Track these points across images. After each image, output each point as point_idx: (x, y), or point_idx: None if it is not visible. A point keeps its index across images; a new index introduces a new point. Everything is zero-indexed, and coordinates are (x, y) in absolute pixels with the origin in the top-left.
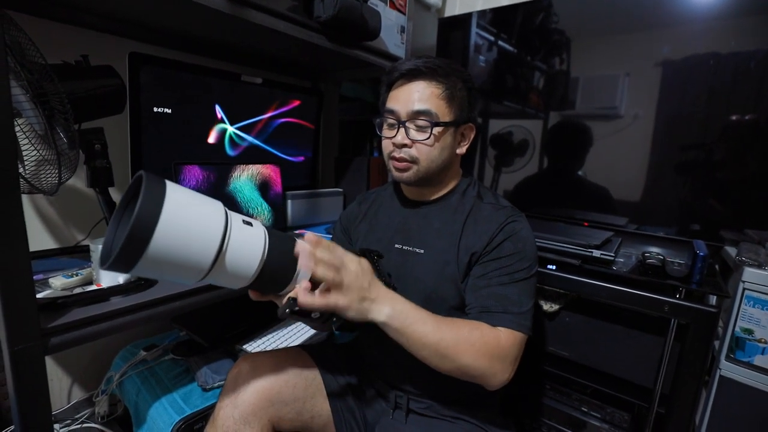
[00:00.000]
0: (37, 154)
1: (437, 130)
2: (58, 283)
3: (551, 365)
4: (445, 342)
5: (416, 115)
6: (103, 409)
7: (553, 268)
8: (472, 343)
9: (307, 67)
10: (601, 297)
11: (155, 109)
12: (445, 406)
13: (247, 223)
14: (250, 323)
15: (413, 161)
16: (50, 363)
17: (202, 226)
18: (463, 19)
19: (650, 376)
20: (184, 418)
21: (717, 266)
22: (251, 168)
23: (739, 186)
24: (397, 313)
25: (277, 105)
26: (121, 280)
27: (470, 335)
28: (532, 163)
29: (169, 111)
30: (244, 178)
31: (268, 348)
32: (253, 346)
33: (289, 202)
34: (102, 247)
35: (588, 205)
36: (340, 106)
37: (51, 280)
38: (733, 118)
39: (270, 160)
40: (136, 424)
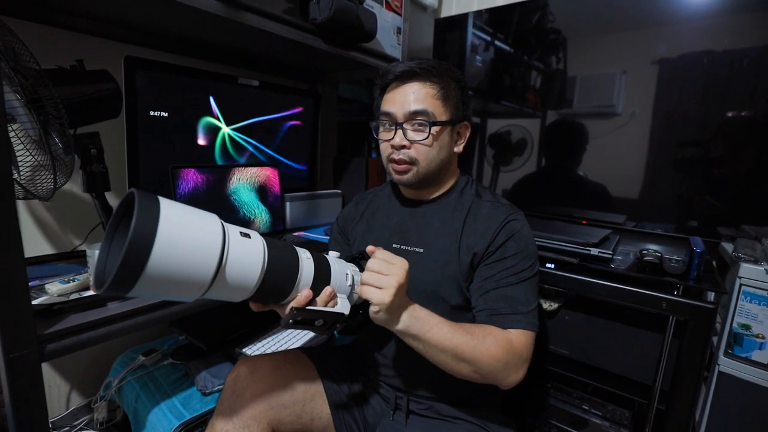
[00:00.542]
0: (32, 160)
1: (435, 129)
2: (55, 289)
3: (551, 364)
4: (461, 348)
5: (413, 115)
6: (102, 415)
7: (552, 266)
8: (488, 347)
9: (304, 69)
10: (599, 295)
11: (151, 113)
12: (446, 406)
13: (245, 235)
14: (249, 326)
15: (412, 162)
16: (48, 369)
17: (200, 242)
18: (460, 20)
19: (650, 373)
20: (183, 423)
21: (714, 262)
22: (249, 170)
23: (735, 182)
24: (416, 321)
25: (275, 107)
26: None
27: (485, 340)
28: (531, 162)
29: (166, 114)
30: (241, 181)
31: (268, 351)
32: (253, 350)
33: (288, 204)
34: (95, 271)
35: (586, 204)
36: (337, 108)
37: (47, 286)
38: (729, 115)
39: (268, 163)
40: (136, 430)
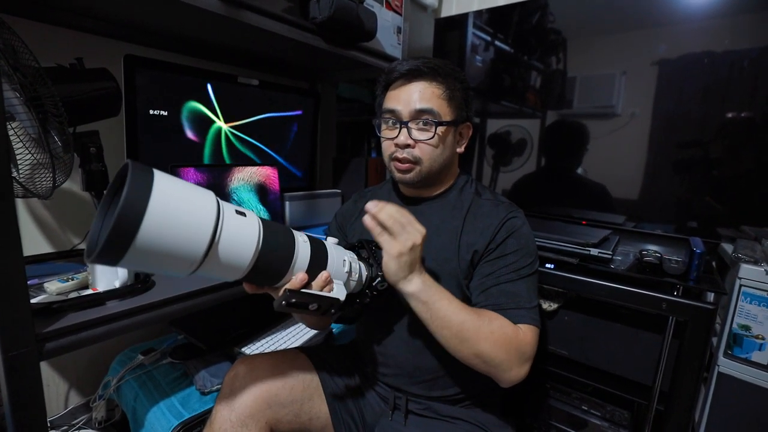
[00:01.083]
0: (31, 158)
1: (440, 129)
2: (54, 288)
3: (551, 364)
4: (467, 325)
5: (419, 114)
6: (100, 414)
7: (552, 266)
8: (492, 331)
9: (303, 69)
10: (599, 295)
11: (151, 112)
12: (445, 406)
13: (241, 213)
14: (248, 326)
15: (416, 161)
16: (46, 368)
17: (193, 216)
18: (460, 20)
19: (649, 374)
20: (182, 423)
21: (714, 263)
22: (248, 170)
23: (735, 183)
24: (427, 288)
25: (274, 106)
26: (117, 284)
27: (491, 324)
28: (530, 162)
29: (165, 113)
30: (241, 180)
31: (267, 350)
32: (252, 349)
33: (287, 204)
34: (88, 240)
35: (586, 204)
36: (337, 107)
37: (46, 285)
38: (729, 115)
39: (267, 162)
40: (134, 429)
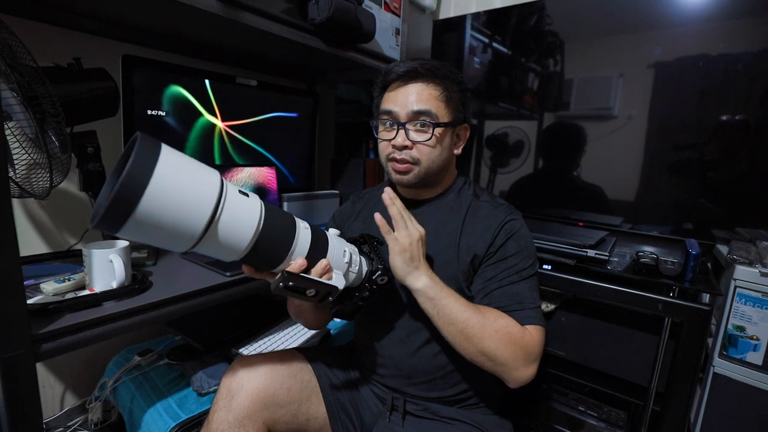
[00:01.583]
0: (28, 158)
1: (438, 130)
2: (50, 288)
3: (548, 365)
4: (472, 322)
5: (417, 115)
6: (96, 415)
7: (549, 267)
8: (497, 329)
9: (302, 70)
10: (596, 296)
11: (149, 112)
12: (442, 407)
13: (244, 194)
14: (246, 327)
15: (414, 162)
16: (42, 369)
17: (196, 191)
18: (458, 22)
19: (645, 375)
20: (179, 424)
21: (709, 264)
22: (247, 170)
23: (730, 185)
24: (434, 284)
25: (273, 107)
26: (114, 285)
27: (496, 322)
28: (528, 163)
29: (163, 113)
30: (239, 181)
31: (265, 351)
32: (250, 350)
33: (285, 205)
34: (95, 207)
35: (583, 205)
36: (336, 108)
37: (42, 286)
38: (724, 118)
39: (265, 162)
40: (131, 431)
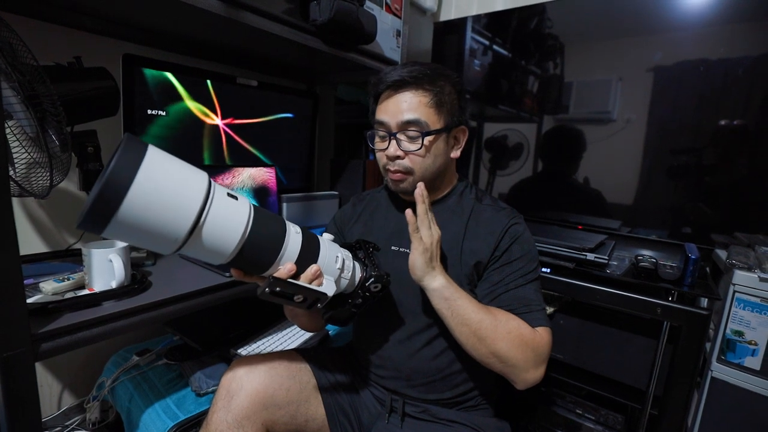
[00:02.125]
0: (28, 157)
1: (428, 139)
2: (49, 288)
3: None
4: (485, 323)
5: (406, 125)
6: (94, 415)
7: (548, 271)
8: (509, 330)
9: (303, 70)
10: (595, 300)
11: (149, 111)
12: (441, 409)
13: (233, 197)
14: (244, 327)
15: (408, 172)
16: (40, 369)
17: (182, 194)
18: (458, 24)
19: (643, 378)
20: (177, 424)
21: (708, 269)
22: (246, 171)
23: (728, 190)
24: (449, 285)
25: (273, 108)
26: (114, 285)
27: (507, 324)
28: (527, 166)
29: (164, 113)
30: (239, 181)
31: (264, 352)
32: (248, 350)
33: (285, 205)
34: (83, 207)
35: (582, 209)
36: (336, 109)
37: (42, 285)
38: (722, 123)
39: (265, 163)
40: (129, 431)
